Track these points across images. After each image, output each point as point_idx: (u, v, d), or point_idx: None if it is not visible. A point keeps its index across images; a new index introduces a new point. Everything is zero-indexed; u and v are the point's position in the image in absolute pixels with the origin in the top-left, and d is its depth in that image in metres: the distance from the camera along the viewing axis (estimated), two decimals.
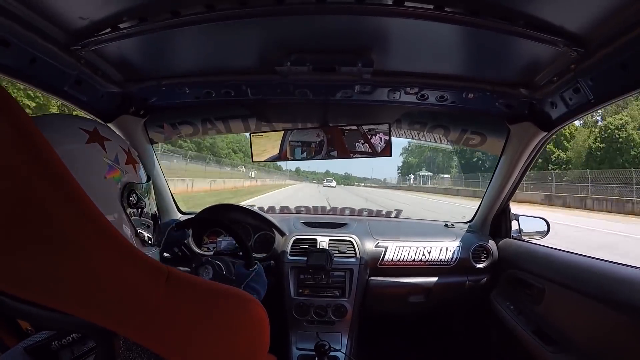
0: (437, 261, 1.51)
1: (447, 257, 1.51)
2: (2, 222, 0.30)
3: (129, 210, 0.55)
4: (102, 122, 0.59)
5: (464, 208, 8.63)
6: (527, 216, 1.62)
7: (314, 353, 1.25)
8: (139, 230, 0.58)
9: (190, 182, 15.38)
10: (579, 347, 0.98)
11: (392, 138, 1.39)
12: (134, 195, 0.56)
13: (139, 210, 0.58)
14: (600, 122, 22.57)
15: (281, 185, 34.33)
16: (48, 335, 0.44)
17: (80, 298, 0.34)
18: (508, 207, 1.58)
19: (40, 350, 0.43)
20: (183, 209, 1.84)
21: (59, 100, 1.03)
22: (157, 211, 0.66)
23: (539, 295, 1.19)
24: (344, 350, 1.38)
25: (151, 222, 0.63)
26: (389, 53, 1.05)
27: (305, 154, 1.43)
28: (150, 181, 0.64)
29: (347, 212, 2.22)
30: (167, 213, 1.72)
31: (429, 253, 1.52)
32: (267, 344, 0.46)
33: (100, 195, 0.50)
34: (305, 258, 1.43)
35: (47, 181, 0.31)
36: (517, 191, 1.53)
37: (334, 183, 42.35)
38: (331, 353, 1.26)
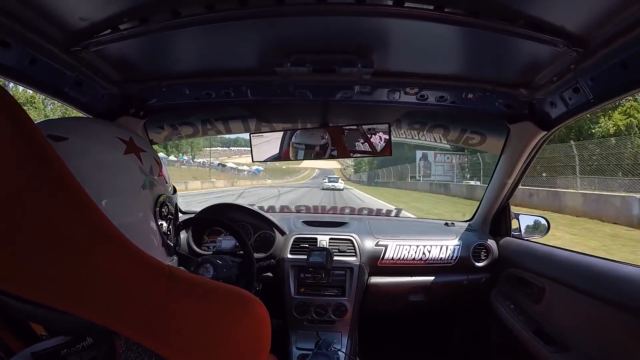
0: (437, 260, 1.52)
1: (447, 256, 1.52)
2: (3, 223, 0.30)
3: (160, 221, 0.55)
4: (135, 132, 0.58)
5: None
6: (528, 215, 1.62)
7: None
8: (167, 241, 0.58)
9: None
10: (579, 347, 0.99)
11: (392, 137, 1.39)
12: (166, 207, 0.56)
13: (169, 221, 0.57)
14: None
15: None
16: (58, 343, 0.43)
17: (81, 297, 0.34)
18: (508, 206, 1.58)
19: (49, 357, 0.42)
20: (183, 209, 1.84)
21: (59, 102, 1.03)
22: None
23: (539, 294, 1.20)
24: (344, 350, 1.38)
25: (175, 232, 0.62)
26: (389, 54, 1.04)
27: (305, 154, 1.44)
28: (176, 193, 0.64)
29: (347, 210, 2.25)
30: None
31: (429, 252, 1.52)
32: (268, 344, 0.46)
33: (135, 207, 0.50)
34: (306, 257, 1.43)
35: (48, 182, 0.31)
36: None
37: (341, 183, 24.76)
38: None
